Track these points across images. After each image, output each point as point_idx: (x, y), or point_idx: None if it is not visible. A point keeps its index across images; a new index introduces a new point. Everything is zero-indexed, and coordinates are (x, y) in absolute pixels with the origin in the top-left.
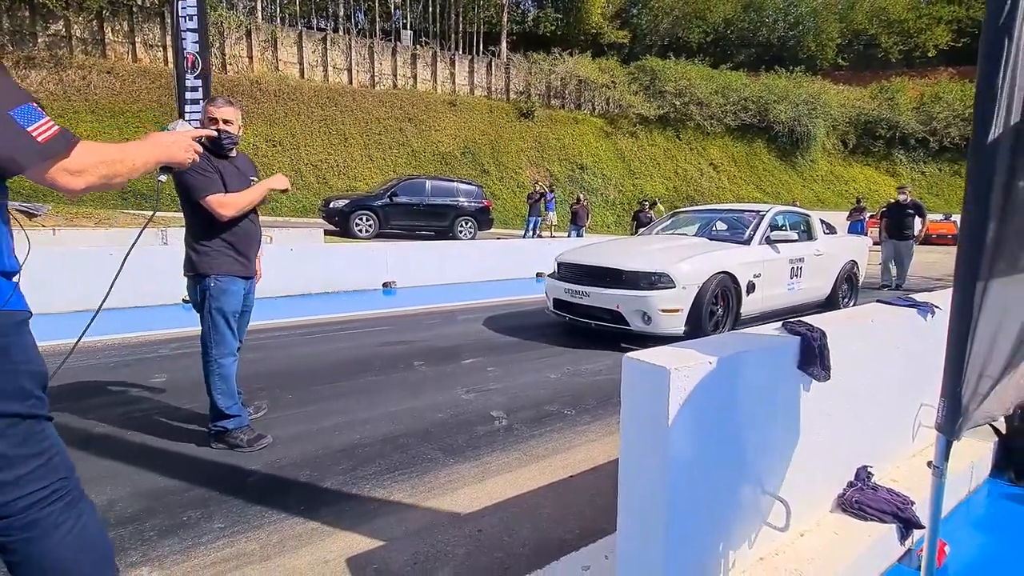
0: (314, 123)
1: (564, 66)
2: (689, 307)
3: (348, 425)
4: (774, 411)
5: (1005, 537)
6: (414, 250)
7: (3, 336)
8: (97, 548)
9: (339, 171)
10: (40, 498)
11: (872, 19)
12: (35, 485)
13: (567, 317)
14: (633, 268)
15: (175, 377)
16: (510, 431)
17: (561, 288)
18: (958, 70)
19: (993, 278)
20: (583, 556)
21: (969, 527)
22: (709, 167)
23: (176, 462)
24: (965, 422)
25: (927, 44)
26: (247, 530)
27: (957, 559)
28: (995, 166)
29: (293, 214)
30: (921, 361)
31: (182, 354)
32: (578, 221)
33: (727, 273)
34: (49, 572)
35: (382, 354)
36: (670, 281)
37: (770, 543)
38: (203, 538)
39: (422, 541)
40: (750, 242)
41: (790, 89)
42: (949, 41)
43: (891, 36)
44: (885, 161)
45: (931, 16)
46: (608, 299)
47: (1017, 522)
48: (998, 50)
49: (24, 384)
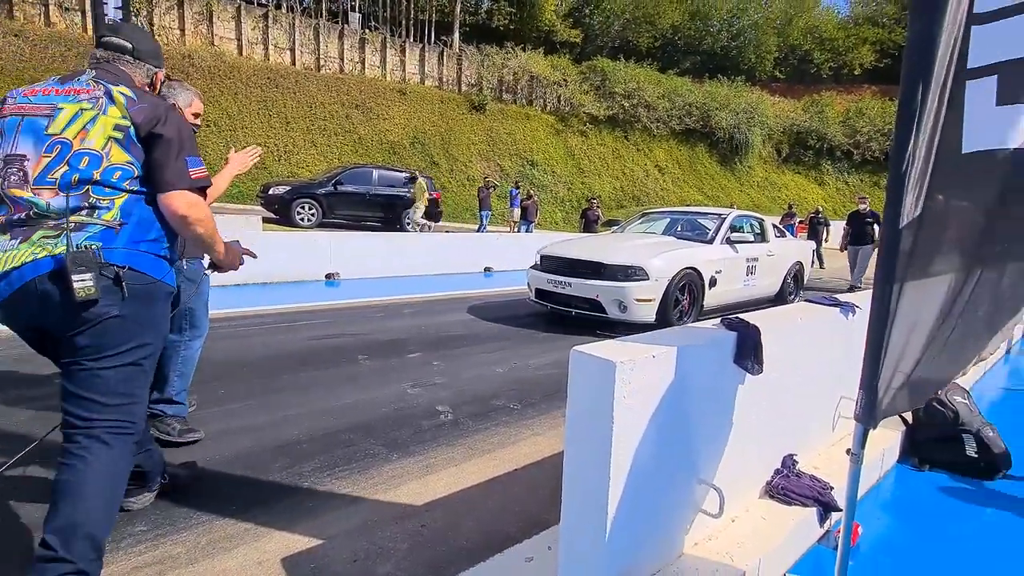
0: (253, 104)
1: (517, 61)
2: (660, 298)
3: (286, 421)
4: (712, 403)
5: (910, 517)
6: (359, 241)
7: (157, 300)
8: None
9: (279, 156)
10: (114, 425)
11: (806, 35)
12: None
13: (548, 306)
14: (612, 261)
15: None
16: (456, 425)
17: (544, 279)
18: (880, 88)
19: (908, 281)
20: (526, 548)
21: (879, 509)
22: (655, 169)
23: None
24: (880, 413)
25: (854, 63)
26: (172, 533)
27: (868, 538)
28: (910, 182)
29: (228, 199)
30: (841, 357)
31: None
32: (528, 216)
33: (693, 269)
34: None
35: (324, 347)
36: (644, 274)
37: (704, 529)
38: (122, 542)
39: (363, 538)
40: (713, 242)
41: (731, 97)
42: (873, 61)
43: (823, 53)
44: (814, 170)
45: (858, 36)
46: (589, 289)
47: (921, 504)
48: (917, 75)
49: (152, 339)
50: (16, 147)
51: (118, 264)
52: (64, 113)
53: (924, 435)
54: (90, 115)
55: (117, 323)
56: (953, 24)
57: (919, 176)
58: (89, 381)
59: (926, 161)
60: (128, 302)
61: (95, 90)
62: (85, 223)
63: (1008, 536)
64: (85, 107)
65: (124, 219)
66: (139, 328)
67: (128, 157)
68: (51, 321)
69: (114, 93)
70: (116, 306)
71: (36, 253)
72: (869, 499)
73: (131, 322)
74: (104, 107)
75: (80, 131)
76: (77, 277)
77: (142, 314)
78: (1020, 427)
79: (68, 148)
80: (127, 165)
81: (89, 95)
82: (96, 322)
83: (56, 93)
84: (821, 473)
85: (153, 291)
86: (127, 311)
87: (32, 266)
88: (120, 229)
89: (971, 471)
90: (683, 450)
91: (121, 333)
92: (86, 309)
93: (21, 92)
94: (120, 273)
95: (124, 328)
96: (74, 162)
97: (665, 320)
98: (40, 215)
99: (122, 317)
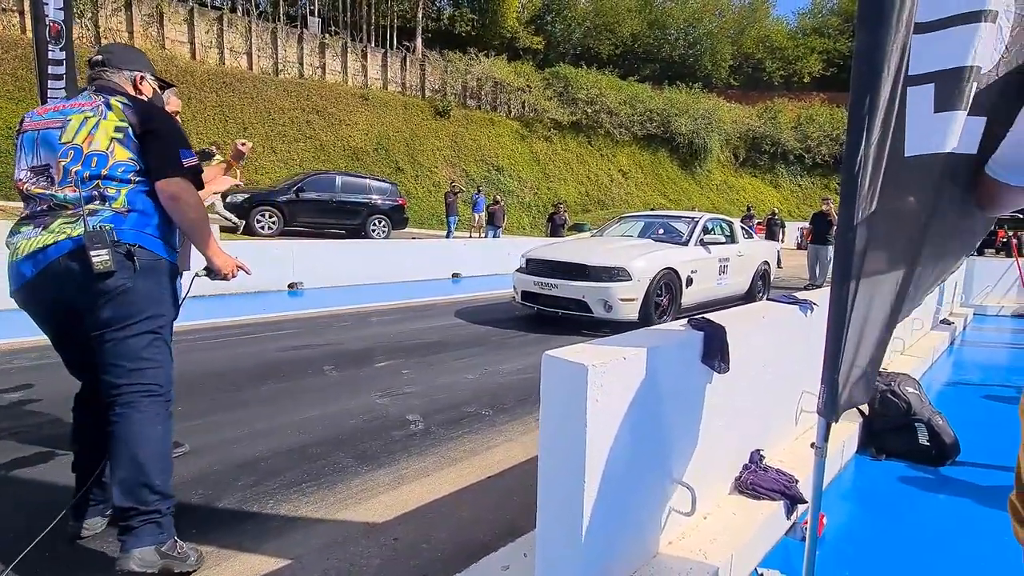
0: (208, 109)
1: (480, 67)
2: (643, 297)
3: (249, 436)
4: (682, 403)
5: (871, 505)
6: (323, 249)
7: (164, 275)
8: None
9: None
10: (144, 388)
11: (759, 44)
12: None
13: (535, 307)
14: (596, 263)
15: (39, 391)
16: (427, 434)
17: (530, 281)
18: (828, 95)
19: (862, 278)
20: (502, 556)
21: (841, 499)
22: (618, 173)
23: (40, 488)
24: (841, 407)
25: (803, 71)
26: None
27: (833, 528)
28: (862, 184)
29: None
30: (802, 352)
31: (45, 364)
32: (495, 222)
33: (671, 269)
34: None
35: (289, 359)
36: (628, 275)
37: (678, 527)
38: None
39: (333, 555)
40: (688, 243)
41: (690, 104)
42: (820, 70)
43: (774, 61)
44: (769, 174)
45: (807, 46)
46: (575, 290)
47: (880, 492)
48: (865, 82)
49: (166, 311)
50: (40, 158)
51: (129, 243)
52: (72, 123)
53: (880, 425)
54: (93, 121)
55: (132, 295)
56: (898, 33)
57: (871, 179)
58: (116, 349)
59: (876, 164)
60: (140, 276)
61: (96, 101)
62: (98, 210)
63: (961, 519)
64: (88, 115)
65: (130, 207)
66: (152, 300)
67: (129, 154)
68: (74, 294)
69: (112, 101)
70: (130, 279)
71: (57, 236)
72: (831, 490)
73: (144, 294)
74: (104, 113)
75: (87, 136)
76: (94, 252)
77: (153, 287)
78: (965, 416)
79: (80, 151)
80: (129, 161)
81: (91, 105)
82: (115, 294)
83: (64, 108)
84: (786, 466)
85: (160, 267)
86: (139, 284)
87: (55, 247)
88: (127, 215)
89: (924, 458)
90: (655, 450)
91: (137, 304)
92: (103, 280)
93: (35, 112)
94: (131, 250)
95: (139, 299)
96: (86, 162)
97: (647, 318)
98: (58, 205)
99: (136, 289)
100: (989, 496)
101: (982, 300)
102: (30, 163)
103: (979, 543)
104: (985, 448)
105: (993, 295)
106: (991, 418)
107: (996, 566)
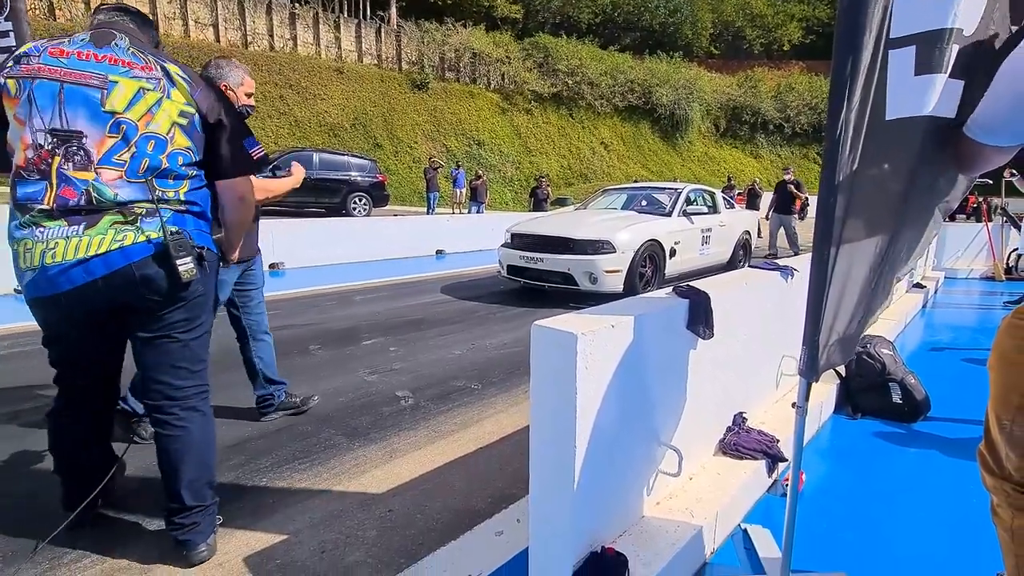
0: None
1: (458, 37)
2: (627, 268)
3: (235, 416)
4: (668, 368)
5: (848, 462)
6: (303, 228)
7: (216, 273)
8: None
9: None
10: (202, 389)
11: (739, 12)
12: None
13: (521, 281)
14: (581, 236)
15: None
16: (417, 409)
17: (516, 255)
18: (807, 64)
19: (842, 244)
20: (496, 523)
21: (819, 456)
22: (600, 146)
23: (14, 478)
24: (821, 367)
25: (783, 39)
26: (120, 544)
27: (811, 484)
28: (843, 148)
29: None
30: (783, 317)
31: (14, 353)
32: (478, 197)
33: (655, 240)
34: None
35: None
36: (612, 247)
37: (665, 488)
38: (64, 558)
39: (329, 529)
40: (671, 215)
41: (670, 74)
42: (800, 38)
43: (754, 30)
44: (749, 144)
45: (786, 13)
46: (561, 263)
47: (856, 449)
48: (848, 44)
49: (213, 307)
50: (67, 121)
51: (199, 245)
52: (122, 90)
53: (856, 385)
54: (154, 97)
55: (203, 297)
56: None
57: (851, 143)
58: (181, 352)
59: (857, 128)
60: (208, 278)
61: (151, 67)
62: (160, 208)
63: (931, 470)
64: (146, 87)
65: (189, 204)
66: (209, 300)
67: (188, 143)
68: (139, 300)
69: (173, 76)
70: (202, 283)
71: (120, 240)
72: (810, 448)
73: (208, 295)
74: (167, 90)
75: (145, 114)
76: (180, 261)
77: (211, 287)
78: (937, 374)
79: (134, 130)
80: (187, 151)
81: (146, 73)
82: (190, 298)
83: (97, 60)
84: (767, 428)
85: (216, 266)
86: (207, 286)
87: (121, 253)
88: (186, 214)
89: (897, 416)
90: (643, 414)
91: (203, 305)
92: (186, 288)
93: (46, 50)
94: (202, 253)
95: (206, 301)
96: (141, 146)
97: (632, 289)
98: (101, 201)
99: (205, 292)
100: (958, 448)
101: (953, 264)
102: (49, 123)
103: (949, 492)
104: (955, 404)
105: (963, 259)
106: (961, 376)
107: (965, 512)
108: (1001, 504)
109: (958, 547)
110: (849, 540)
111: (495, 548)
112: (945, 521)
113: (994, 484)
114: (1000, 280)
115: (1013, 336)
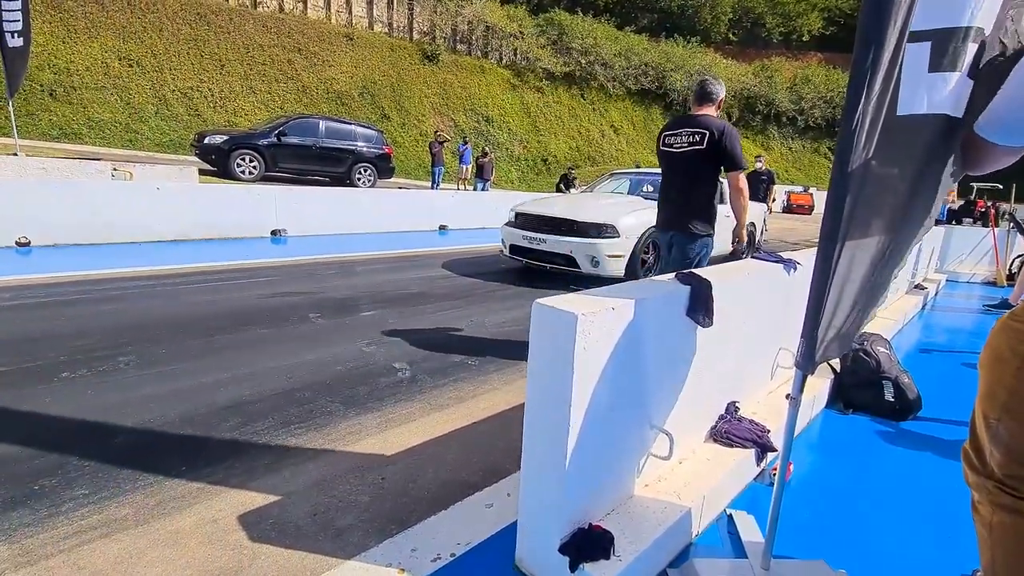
0: (181, 43)
1: (472, 9)
2: (629, 253)
3: (234, 380)
4: (665, 354)
5: (836, 455)
6: (307, 196)
7: None
8: None
9: (214, 102)
10: None
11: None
12: None
13: (523, 261)
14: (585, 219)
15: (6, 330)
16: (413, 382)
17: (519, 235)
18: (827, 56)
19: (847, 240)
20: (486, 495)
21: (808, 449)
22: (610, 129)
23: (16, 429)
24: (818, 360)
25: (803, 28)
26: (118, 495)
27: (799, 475)
28: (856, 144)
29: (157, 148)
30: (781, 310)
31: (16, 305)
32: (484, 175)
33: None
34: None
35: (273, 306)
36: (616, 231)
37: (655, 471)
38: (62, 507)
39: (322, 493)
40: None
41: (686, 59)
42: (820, 28)
43: (775, 17)
44: (761, 135)
45: (808, 2)
46: (563, 245)
47: (845, 443)
48: (870, 35)
49: None
50: None
51: None
52: None
53: (849, 381)
54: None
55: None
56: None
57: (867, 137)
58: None
59: (873, 122)
60: None
61: None
62: None
63: (918, 468)
64: None
65: None
66: None
67: None
68: None
69: None
70: None
71: None
72: (800, 440)
73: None
74: None
75: None
76: None
77: None
78: (930, 375)
79: None
80: None
81: None
82: None
83: None
84: (759, 418)
85: None
86: None
87: None
88: None
89: (888, 413)
90: (637, 397)
91: None
92: None
93: None
94: None
95: None
96: None
97: (633, 274)
98: None
99: None
100: (944, 448)
101: (955, 267)
102: None
103: (932, 489)
104: (945, 405)
105: (967, 263)
106: (953, 378)
107: (946, 510)
108: (982, 501)
109: (938, 543)
110: (831, 531)
111: (484, 519)
112: (927, 517)
113: (976, 481)
114: (1002, 285)
115: (1008, 336)
